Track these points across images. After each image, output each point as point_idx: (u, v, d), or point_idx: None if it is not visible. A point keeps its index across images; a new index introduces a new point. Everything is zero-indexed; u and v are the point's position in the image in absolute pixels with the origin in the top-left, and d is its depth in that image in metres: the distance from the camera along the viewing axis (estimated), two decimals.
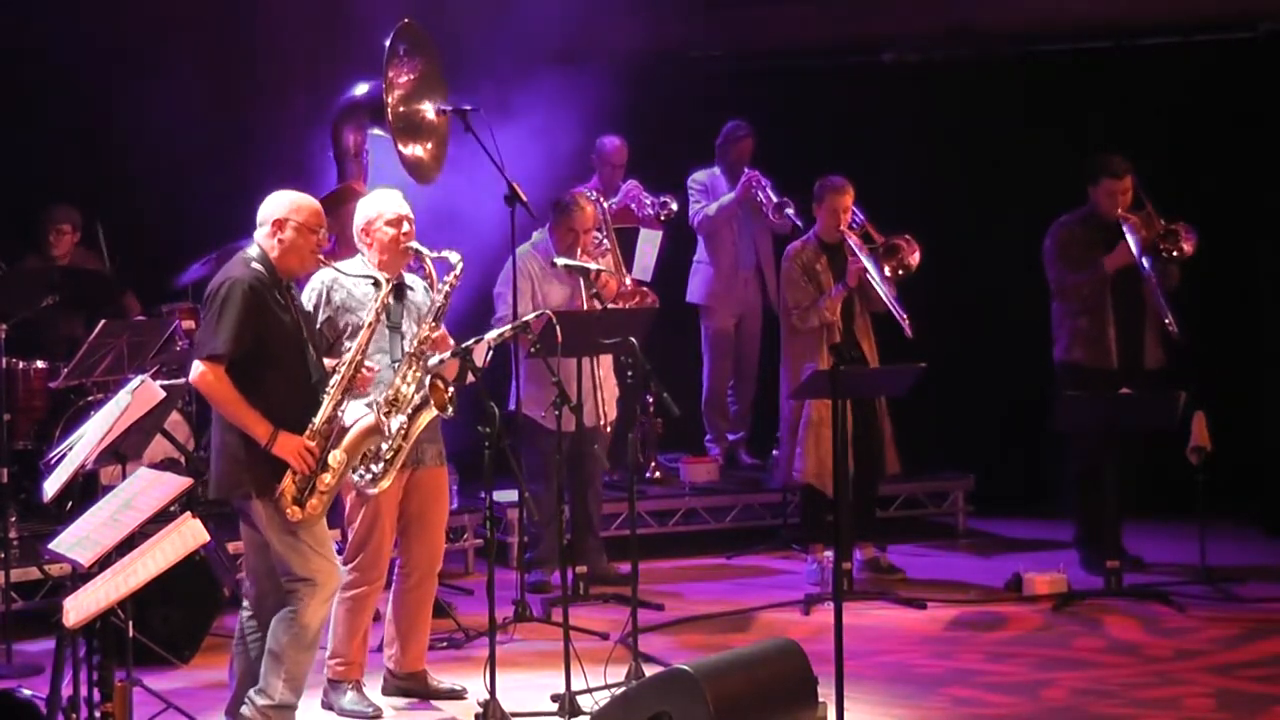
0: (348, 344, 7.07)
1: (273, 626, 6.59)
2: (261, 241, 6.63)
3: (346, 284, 7.21)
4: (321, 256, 6.79)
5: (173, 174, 10.36)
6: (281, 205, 6.65)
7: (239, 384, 6.46)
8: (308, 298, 7.12)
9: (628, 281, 9.80)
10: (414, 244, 7.22)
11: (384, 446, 6.86)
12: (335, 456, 6.57)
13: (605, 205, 10.19)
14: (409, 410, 6.93)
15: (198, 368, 6.50)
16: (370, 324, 6.78)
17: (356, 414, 6.66)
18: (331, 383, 6.62)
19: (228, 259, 9.61)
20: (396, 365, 7.08)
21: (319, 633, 6.66)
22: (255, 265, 6.56)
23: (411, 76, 9.05)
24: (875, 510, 9.77)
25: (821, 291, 9.29)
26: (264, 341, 6.49)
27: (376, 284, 6.99)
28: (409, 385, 6.96)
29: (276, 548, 6.55)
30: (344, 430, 6.61)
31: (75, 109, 10.29)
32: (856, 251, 9.23)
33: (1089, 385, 9.24)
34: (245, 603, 6.81)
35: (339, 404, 6.60)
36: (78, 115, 10.29)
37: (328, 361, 6.79)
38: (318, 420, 6.54)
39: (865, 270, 9.17)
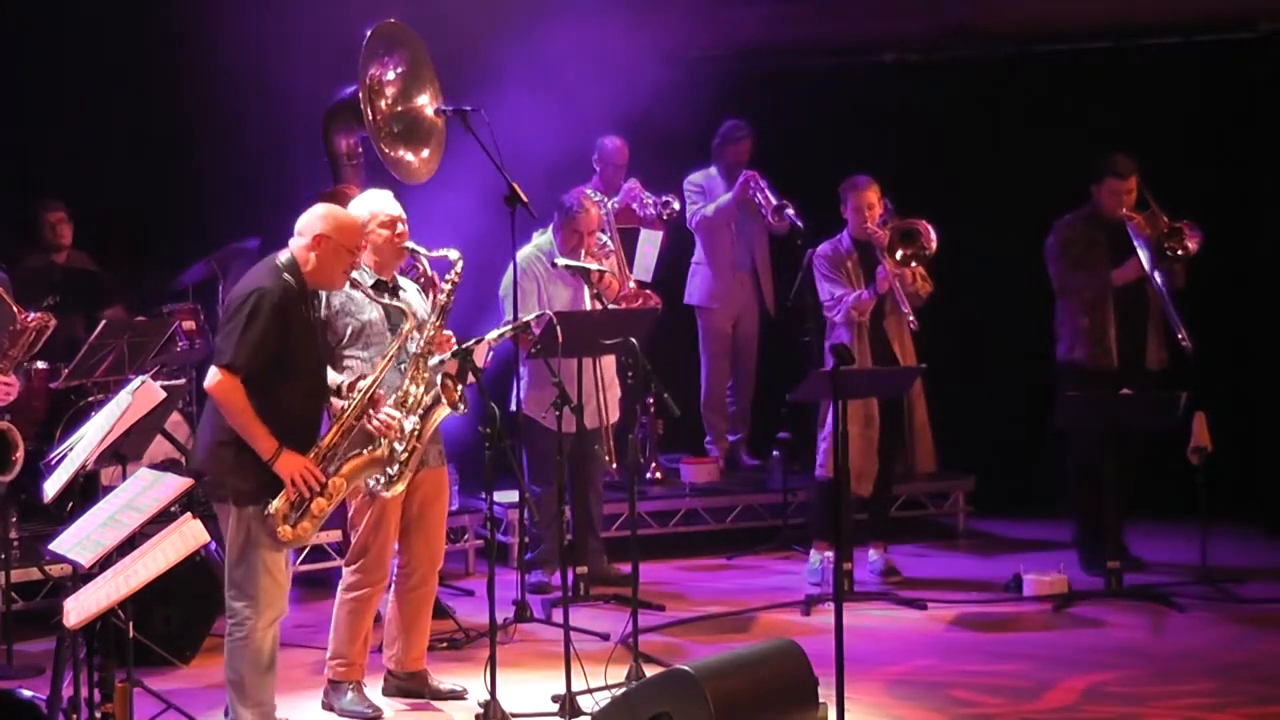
0: (348, 352, 7.08)
1: (227, 656, 6.54)
2: (297, 251, 6.49)
3: (346, 288, 7.19)
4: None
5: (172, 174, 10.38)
6: (326, 222, 6.51)
7: (254, 393, 6.37)
8: None
9: (631, 284, 9.78)
10: (410, 244, 7.21)
11: (398, 449, 6.82)
12: (334, 482, 6.53)
13: (609, 206, 10.19)
14: (420, 411, 6.90)
15: (214, 374, 6.41)
16: (390, 355, 6.74)
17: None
18: (344, 407, 6.58)
19: (228, 260, 9.76)
20: (403, 367, 7.04)
21: (274, 654, 6.57)
22: (286, 276, 6.43)
23: (400, 71, 8.98)
24: (888, 511, 9.78)
25: (849, 283, 9.27)
26: (285, 356, 6.41)
27: (388, 313, 6.94)
28: (418, 385, 6.92)
29: (230, 557, 6.49)
30: (347, 456, 6.60)
31: (73, 107, 10.30)
32: (882, 257, 9.20)
33: (1090, 385, 9.22)
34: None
35: (348, 431, 6.57)
36: (76, 113, 10.30)
37: (333, 378, 6.75)
38: (324, 442, 6.51)
39: (895, 276, 9.12)
